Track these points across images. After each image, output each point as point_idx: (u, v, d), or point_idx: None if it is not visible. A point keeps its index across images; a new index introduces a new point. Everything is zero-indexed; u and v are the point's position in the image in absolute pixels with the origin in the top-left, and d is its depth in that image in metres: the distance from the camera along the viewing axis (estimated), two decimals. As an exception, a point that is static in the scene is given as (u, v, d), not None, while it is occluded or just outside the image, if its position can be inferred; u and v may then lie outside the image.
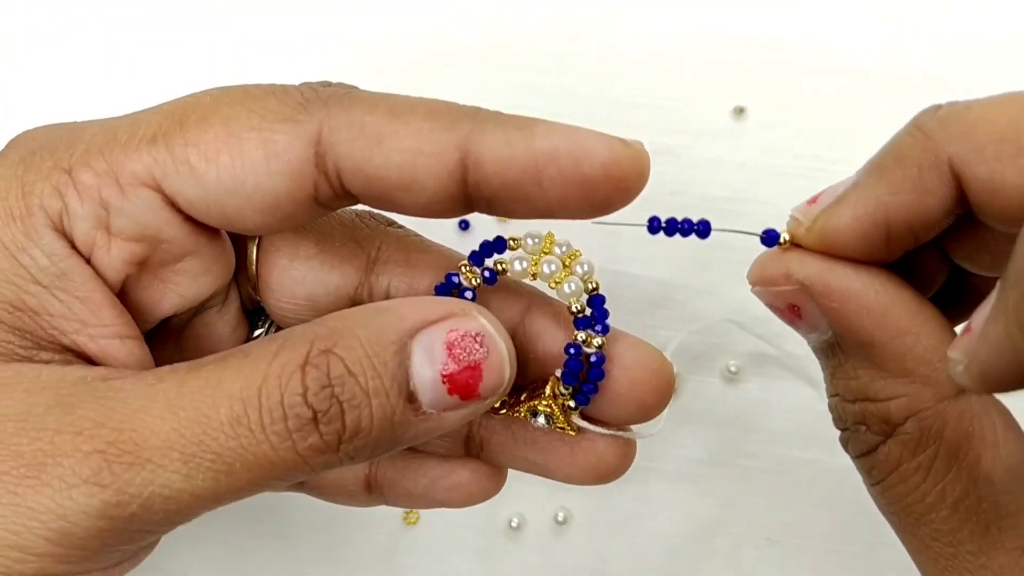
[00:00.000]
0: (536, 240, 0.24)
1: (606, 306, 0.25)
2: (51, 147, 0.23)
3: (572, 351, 0.24)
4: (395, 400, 0.21)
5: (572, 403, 0.25)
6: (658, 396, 0.25)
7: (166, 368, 0.22)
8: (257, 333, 0.27)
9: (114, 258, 0.23)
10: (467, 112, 0.22)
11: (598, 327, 0.24)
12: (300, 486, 0.29)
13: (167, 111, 0.23)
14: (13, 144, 0.24)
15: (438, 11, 0.38)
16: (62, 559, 0.20)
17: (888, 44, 0.37)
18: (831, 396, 0.23)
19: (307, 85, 0.23)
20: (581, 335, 0.24)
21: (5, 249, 0.22)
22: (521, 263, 0.24)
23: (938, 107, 0.21)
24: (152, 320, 0.25)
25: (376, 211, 0.26)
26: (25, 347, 0.22)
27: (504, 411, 0.25)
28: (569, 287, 0.24)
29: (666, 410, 0.26)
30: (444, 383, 0.21)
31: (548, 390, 0.25)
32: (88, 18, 0.38)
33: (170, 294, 0.24)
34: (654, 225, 0.24)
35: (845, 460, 0.37)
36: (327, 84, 0.24)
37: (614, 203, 0.22)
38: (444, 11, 0.38)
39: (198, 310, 0.26)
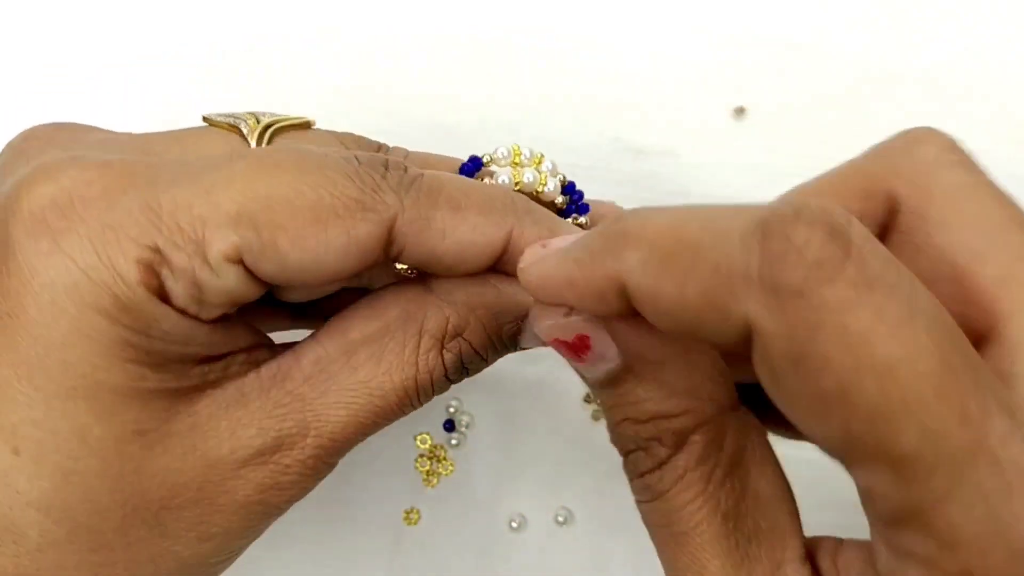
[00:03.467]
0: (507, 152, 0.28)
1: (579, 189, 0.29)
2: (123, 221, 0.23)
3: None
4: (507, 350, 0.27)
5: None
6: None
7: (320, 355, 0.25)
8: None
9: (203, 315, 0.24)
10: (510, 207, 0.26)
11: (579, 211, 0.29)
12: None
13: (245, 181, 0.24)
14: (75, 210, 0.23)
15: (438, 13, 0.38)
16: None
17: (888, 44, 0.37)
18: (618, 423, 0.24)
19: (373, 165, 0.25)
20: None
21: (134, 332, 0.23)
22: (506, 177, 0.28)
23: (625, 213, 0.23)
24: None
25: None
26: (189, 377, 0.24)
27: None
28: (547, 188, 0.28)
29: None
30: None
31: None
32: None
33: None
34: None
35: (845, 460, 0.37)
36: (383, 150, 0.29)
37: None
38: (444, 13, 0.38)
39: None
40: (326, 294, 0.28)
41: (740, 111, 0.37)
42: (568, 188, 0.29)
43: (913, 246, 0.23)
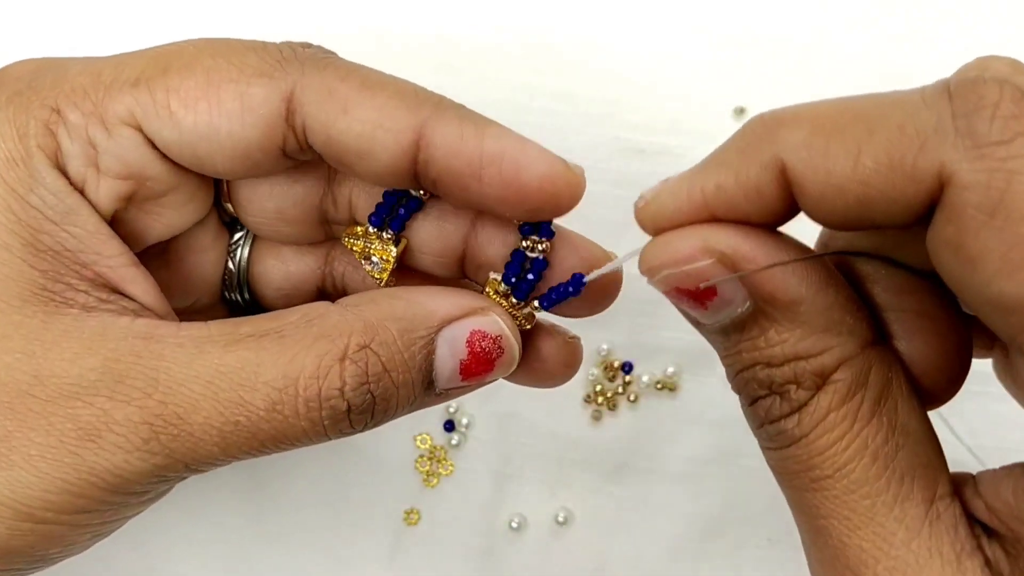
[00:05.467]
0: None
1: None
2: (36, 86, 0.24)
3: (515, 257, 0.26)
4: (418, 388, 0.24)
5: (514, 299, 0.26)
6: (604, 287, 0.26)
7: (202, 334, 0.23)
8: (237, 237, 0.28)
9: (103, 195, 0.24)
10: (431, 98, 0.24)
11: (541, 231, 0.25)
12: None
13: (151, 56, 0.24)
14: None
15: (439, 13, 0.38)
16: (115, 502, 0.23)
17: (888, 44, 0.37)
18: (745, 368, 0.22)
19: (287, 44, 0.25)
20: (526, 241, 0.25)
21: (13, 192, 0.23)
22: None
23: (765, 113, 0.21)
24: (140, 247, 0.26)
25: None
26: (61, 290, 0.23)
27: None
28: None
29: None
30: (459, 372, 0.24)
31: (489, 289, 0.26)
32: None
33: (156, 224, 0.26)
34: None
35: (845, 460, 0.37)
36: (308, 45, 0.25)
37: (544, 214, 0.24)
38: (445, 13, 0.38)
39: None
40: (252, 175, 0.26)
41: (740, 111, 0.37)
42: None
43: None
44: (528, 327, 0.26)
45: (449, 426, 0.37)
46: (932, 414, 0.22)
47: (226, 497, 0.37)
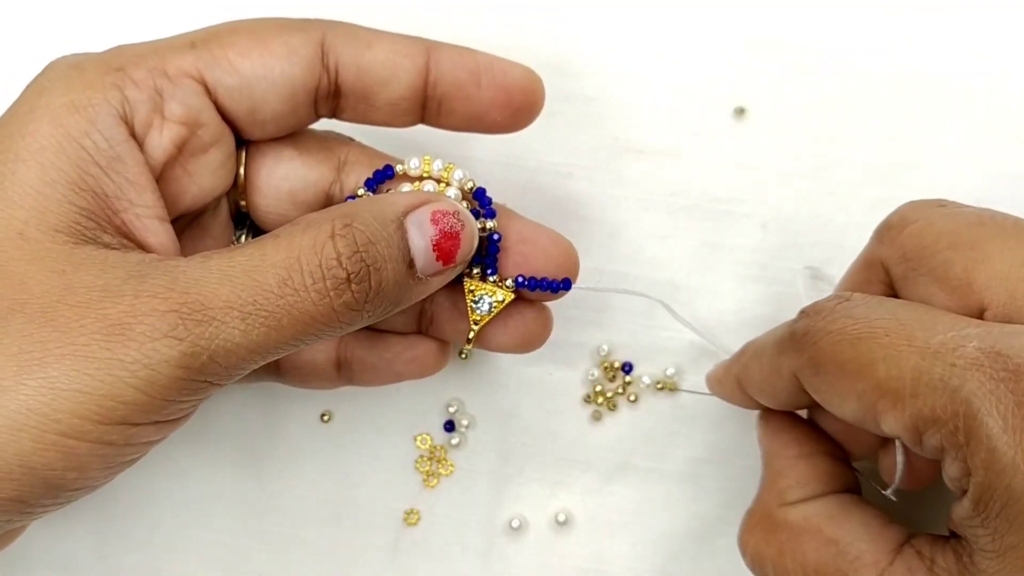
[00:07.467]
0: (418, 163, 0.30)
1: (496, 204, 0.31)
2: (95, 59, 0.28)
3: None
4: (402, 266, 0.27)
5: (488, 274, 0.31)
6: (559, 250, 0.31)
7: (207, 252, 0.26)
8: (239, 233, 0.32)
9: (164, 139, 0.28)
10: (423, 39, 0.30)
11: (485, 213, 0.30)
12: (277, 374, 0.33)
13: (196, 31, 0.29)
14: (51, 65, 0.28)
15: (438, 13, 0.38)
16: (144, 408, 0.24)
17: (888, 44, 0.37)
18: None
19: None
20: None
21: (69, 135, 0.26)
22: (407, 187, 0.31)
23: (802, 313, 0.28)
24: (173, 212, 0.29)
25: (340, 134, 0.33)
26: (90, 228, 0.26)
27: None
28: (448, 195, 0.30)
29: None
30: (433, 251, 0.27)
31: (468, 283, 0.31)
32: None
33: (192, 187, 0.29)
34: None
35: (845, 460, 0.37)
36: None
37: (524, 113, 0.31)
38: (444, 13, 0.38)
39: (196, 215, 0.31)
40: (287, 129, 0.30)
41: (740, 111, 0.37)
42: (476, 194, 0.30)
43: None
44: (512, 297, 0.31)
45: (449, 426, 0.37)
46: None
47: (226, 497, 0.37)
